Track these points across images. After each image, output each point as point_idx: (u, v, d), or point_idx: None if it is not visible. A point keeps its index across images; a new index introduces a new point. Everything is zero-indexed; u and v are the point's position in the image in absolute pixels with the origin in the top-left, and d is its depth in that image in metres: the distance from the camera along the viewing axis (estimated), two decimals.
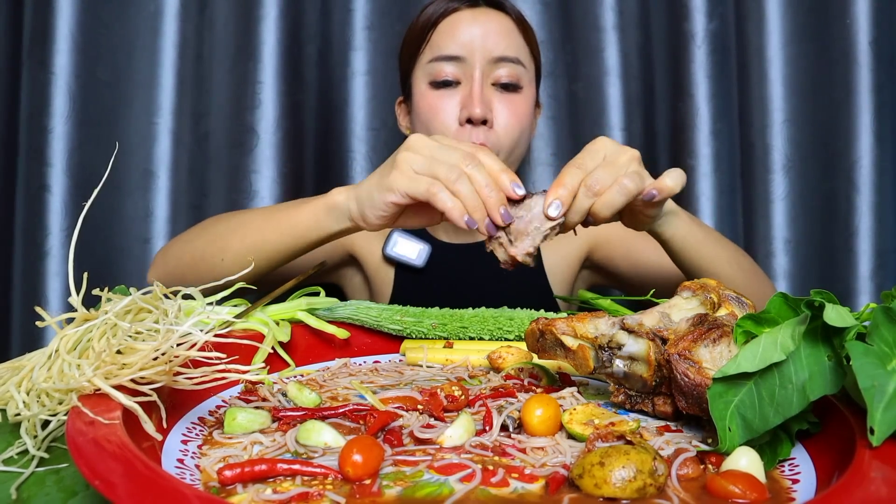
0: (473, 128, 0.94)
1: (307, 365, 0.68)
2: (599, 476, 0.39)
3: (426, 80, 0.97)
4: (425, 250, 1.02)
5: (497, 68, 0.96)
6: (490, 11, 0.98)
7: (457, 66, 0.95)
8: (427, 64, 0.97)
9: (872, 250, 1.27)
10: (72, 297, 0.51)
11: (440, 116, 0.96)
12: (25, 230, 1.21)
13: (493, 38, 0.96)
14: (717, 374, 0.46)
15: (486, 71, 0.95)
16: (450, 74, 0.96)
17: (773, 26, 1.29)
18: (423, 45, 0.99)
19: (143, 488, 0.34)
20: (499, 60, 0.95)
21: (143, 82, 1.26)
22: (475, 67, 0.95)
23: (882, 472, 0.38)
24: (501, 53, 0.96)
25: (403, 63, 1.04)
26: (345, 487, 0.40)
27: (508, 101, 0.96)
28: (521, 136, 0.98)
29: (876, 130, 1.27)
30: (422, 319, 0.74)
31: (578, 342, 0.56)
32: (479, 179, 0.61)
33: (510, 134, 0.96)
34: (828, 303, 0.44)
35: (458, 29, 0.96)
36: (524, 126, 0.98)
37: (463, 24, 0.96)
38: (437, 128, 0.95)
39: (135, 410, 0.43)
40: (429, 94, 0.97)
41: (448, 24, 0.97)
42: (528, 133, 1.00)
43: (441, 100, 0.96)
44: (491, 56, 0.95)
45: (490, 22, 0.97)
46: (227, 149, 1.24)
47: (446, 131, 0.95)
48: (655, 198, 0.65)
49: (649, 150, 1.31)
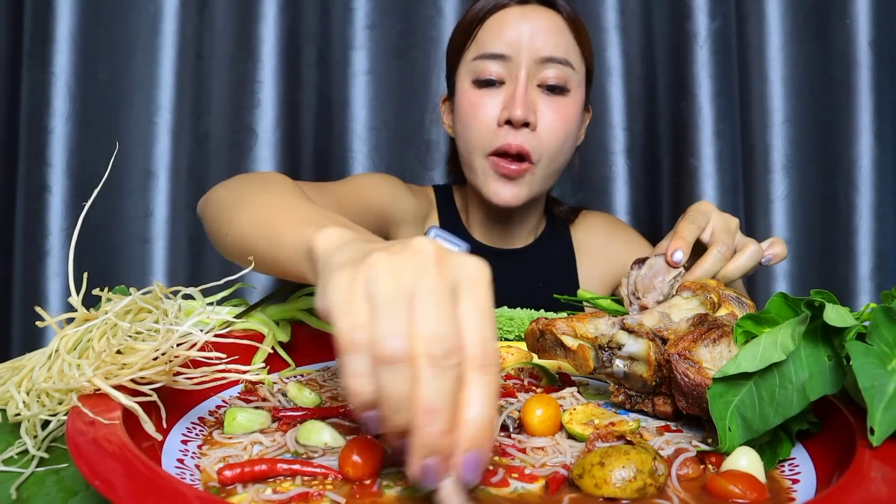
0: (513, 129, 0.90)
1: (307, 365, 0.68)
2: (599, 476, 0.39)
3: (469, 77, 0.94)
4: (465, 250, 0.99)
5: (544, 69, 0.91)
6: (540, 9, 0.93)
7: (502, 64, 0.91)
8: (472, 61, 0.94)
9: (872, 250, 1.27)
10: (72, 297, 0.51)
11: (480, 115, 0.92)
12: (25, 230, 1.21)
13: (542, 37, 0.91)
14: (717, 374, 0.46)
15: (533, 71, 0.91)
16: (494, 73, 0.92)
17: (773, 27, 1.29)
18: (470, 41, 0.95)
19: (143, 488, 0.34)
20: (546, 61, 0.91)
21: (143, 82, 1.26)
22: (521, 67, 0.91)
23: (882, 472, 0.38)
24: (549, 53, 0.91)
25: (449, 59, 1.00)
26: (345, 487, 0.40)
27: (555, 104, 0.92)
28: (566, 142, 0.94)
29: (876, 131, 1.27)
30: None
31: (578, 342, 0.56)
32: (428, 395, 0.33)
33: (554, 139, 0.92)
34: (828, 303, 0.44)
35: (505, 26, 0.92)
36: (570, 131, 0.94)
37: (510, 22, 0.92)
38: (477, 127, 0.92)
39: (135, 410, 0.43)
40: (471, 92, 0.93)
41: (495, 20, 0.93)
42: (573, 138, 0.96)
43: (483, 98, 0.92)
44: (538, 56, 0.91)
45: (539, 20, 0.92)
46: (227, 148, 1.24)
47: (485, 131, 0.92)
48: (771, 262, 0.69)
49: (651, 150, 1.31)
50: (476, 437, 0.34)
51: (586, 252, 1.08)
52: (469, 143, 0.94)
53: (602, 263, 1.07)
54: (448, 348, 0.33)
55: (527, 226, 1.04)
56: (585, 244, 1.09)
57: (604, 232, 1.10)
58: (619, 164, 1.31)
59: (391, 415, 0.34)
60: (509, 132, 0.90)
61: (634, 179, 1.31)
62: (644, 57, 1.30)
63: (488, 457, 0.38)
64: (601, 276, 1.08)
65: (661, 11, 1.28)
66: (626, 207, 1.31)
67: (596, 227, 1.11)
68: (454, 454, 0.34)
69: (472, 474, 0.34)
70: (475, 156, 0.93)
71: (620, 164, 1.31)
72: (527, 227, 1.05)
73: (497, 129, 0.91)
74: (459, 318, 0.34)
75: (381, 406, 0.34)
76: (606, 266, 1.07)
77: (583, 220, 1.12)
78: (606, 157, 1.30)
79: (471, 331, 0.34)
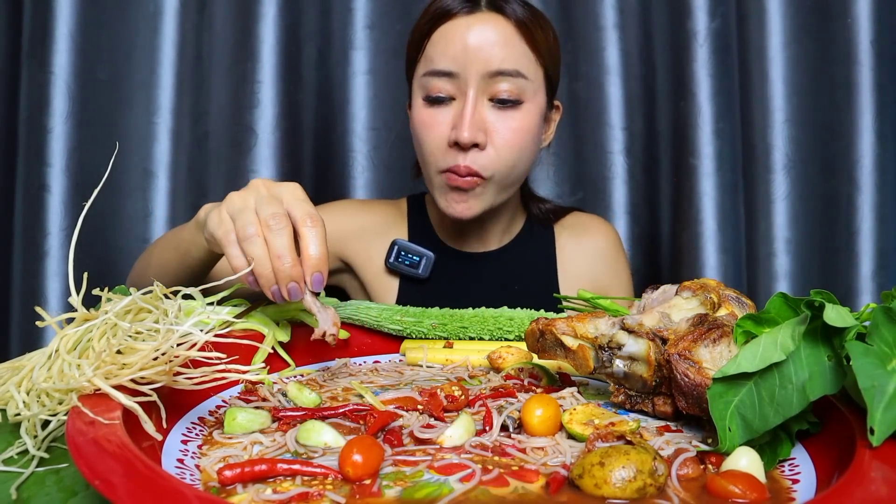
0: (461, 152, 0.88)
1: (307, 365, 0.68)
2: (599, 476, 0.39)
3: (421, 93, 0.91)
4: (428, 260, 0.98)
5: (494, 83, 0.87)
6: (487, 17, 0.88)
7: (450, 81, 0.88)
8: (422, 77, 0.91)
9: (874, 250, 1.27)
10: (72, 297, 0.51)
11: (431, 134, 0.90)
12: (25, 230, 1.21)
13: (489, 50, 0.86)
14: (717, 374, 0.46)
15: (482, 87, 0.88)
16: (442, 90, 0.89)
17: (773, 25, 1.29)
18: (420, 54, 0.92)
19: (143, 488, 0.34)
20: (496, 75, 0.87)
21: (143, 82, 1.26)
22: (469, 84, 0.87)
23: (882, 472, 0.38)
24: (498, 67, 0.86)
25: (406, 69, 0.98)
26: (345, 487, 0.40)
27: (508, 119, 0.89)
28: (521, 156, 0.91)
29: (877, 130, 1.27)
30: (422, 319, 0.74)
31: (578, 342, 0.56)
32: (275, 247, 0.58)
33: (507, 155, 0.89)
34: (828, 303, 0.44)
35: (450, 41, 0.88)
36: (524, 144, 0.91)
37: (456, 36, 0.88)
38: (428, 145, 0.90)
39: (135, 410, 0.43)
40: (422, 110, 0.91)
41: (440, 34, 0.89)
42: (531, 149, 0.93)
43: (433, 117, 0.90)
44: (486, 70, 0.86)
45: (486, 31, 0.87)
46: (226, 148, 1.24)
47: (436, 150, 0.90)
48: None
49: (651, 150, 1.31)
50: (315, 265, 0.59)
51: (571, 258, 1.04)
52: (423, 158, 0.93)
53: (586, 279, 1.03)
54: (279, 218, 0.58)
55: (497, 228, 1.02)
56: (572, 250, 1.05)
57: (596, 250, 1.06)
58: (618, 163, 1.30)
59: (260, 270, 0.58)
60: (458, 154, 0.88)
61: (633, 179, 1.31)
62: (643, 56, 1.30)
63: (325, 277, 0.60)
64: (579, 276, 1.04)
65: (661, 10, 1.28)
66: (624, 207, 1.31)
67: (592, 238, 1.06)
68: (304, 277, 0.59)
69: (318, 287, 0.60)
70: (430, 171, 0.93)
71: (619, 164, 1.30)
72: (498, 230, 1.02)
73: (447, 149, 0.89)
74: (285, 206, 0.60)
75: (254, 268, 0.58)
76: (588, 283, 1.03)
77: (578, 222, 1.08)
78: (605, 156, 1.30)
79: (294, 208, 0.60)
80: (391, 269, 1.00)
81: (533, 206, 1.06)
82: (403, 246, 0.99)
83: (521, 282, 1.02)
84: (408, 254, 0.99)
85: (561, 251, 1.05)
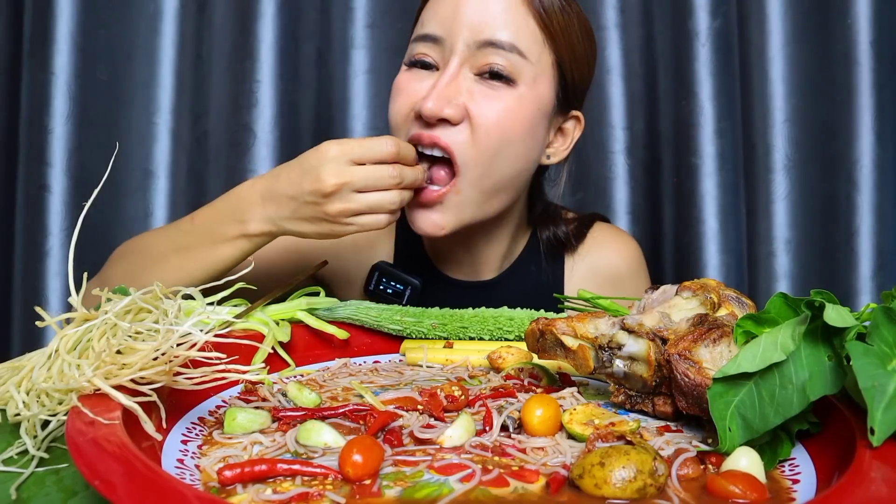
0: (426, 127, 0.74)
1: (307, 365, 0.68)
2: (599, 476, 0.39)
3: (406, 60, 0.80)
4: (414, 289, 0.85)
5: (484, 55, 0.74)
6: None
7: (435, 47, 0.76)
8: (410, 44, 0.79)
9: (873, 250, 1.27)
10: (72, 297, 0.51)
11: (398, 102, 0.77)
12: (25, 230, 1.22)
13: (483, 16, 0.74)
14: (717, 374, 0.46)
15: (469, 56, 0.74)
16: (425, 55, 0.76)
17: (774, 26, 1.29)
18: (417, 23, 0.81)
19: (143, 488, 0.34)
20: (486, 45, 0.73)
21: (143, 82, 1.26)
22: (454, 52, 0.74)
23: (882, 473, 0.38)
24: (489, 36, 0.73)
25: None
26: (345, 487, 0.40)
27: (494, 97, 0.74)
28: (505, 148, 0.75)
29: (877, 130, 1.27)
30: (422, 319, 0.74)
31: (578, 342, 0.56)
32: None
33: (485, 140, 0.74)
34: (828, 303, 0.44)
35: (444, 2, 0.76)
36: (511, 133, 0.75)
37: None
38: (393, 116, 0.78)
39: (135, 410, 0.43)
40: (399, 76, 0.79)
41: None
42: (519, 145, 0.77)
43: (408, 82, 0.77)
44: (476, 38, 0.74)
45: None
46: (226, 148, 1.24)
47: (400, 122, 0.77)
48: None
49: (652, 149, 1.31)
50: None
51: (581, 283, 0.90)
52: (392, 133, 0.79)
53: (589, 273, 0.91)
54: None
55: (493, 252, 0.87)
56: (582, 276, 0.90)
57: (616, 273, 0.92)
58: (619, 163, 1.30)
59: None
60: (422, 129, 0.74)
61: (635, 179, 1.31)
62: (644, 55, 1.30)
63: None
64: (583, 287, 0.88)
65: (662, 10, 1.28)
66: (626, 207, 1.31)
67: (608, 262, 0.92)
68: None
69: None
70: None
71: (620, 164, 1.30)
72: (494, 254, 0.87)
73: (412, 122, 0.75)
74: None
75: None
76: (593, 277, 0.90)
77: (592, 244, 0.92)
78: (606, 156, 1.30)
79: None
80: (371, 297, 0.86)
81: (544, 231, 0.91)
82: (385, 271, 0.85)
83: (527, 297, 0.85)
84: (390, 280, 0.85)
85: (570, 276, 0.91)
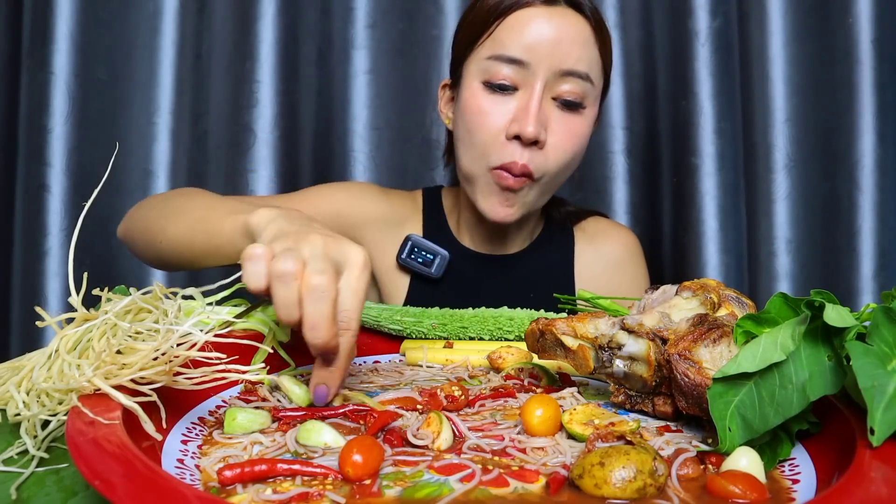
0: (521, 147, 0.84)
1: (307, 365, 0.68)
2: (599, 476, 0.39)
3: (480, 76, 0.86)
4: (443, 259, 0.95)
5: (563, 82, 0.84)
6: (567, 12, 0.84)
7: (518, 70, 0.83)
8: (485, 59, 0.85)
9: (875, 250, 1.27)
10: (72, 297, 0.51)
11: (488, 124, 0.85)
12: (25, 230, 1.21)
13: (566, 48, 0.83)
14: (717, 374, 0.46)
15: (550, 83, 0.84)
16: (507, 78, 0.84)
17: (774, 25, 1.29)
18: (485, 35, 0.86)
19: (143, 488, 0.34)
20: (567, 74, 0.83)
21: (143, 82, 1.26)
22: (538, 77, 0.83)
23: (882, 473, 0.38)
24: (571, 66, 0.83)
25: (459, 47, 0.91)
26: (345, 487, 0.40)
27: (568, 121, 0.85)
28: (571, 162, 0.88)
29: (878, 130, 1.26)
30: (422, 319, 0.74)
31: (578, 342, 0.56)
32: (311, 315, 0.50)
33: (561, 158, 0.86)
34: (828, 303, 0.44)
35: (527, 27, 0.83)
36: (578, 149, 0.88)
37: (534, 24, 0.83)
38: (482, 135, 0.85)
39: (135, 410, 0.43)
40: (480, 94, 0.85)
41: (517, 18, 0.84)
42: (580, 157, 0.90)
43: (493, 105, 0.85)
44: (559, 68, 0.83)
45: (566, 26, 0.83)
46: (225, 148, 1.24)
47: (491, 143, 0.85)
48: None
49: (652, 149, 1.31)
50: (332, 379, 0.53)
51: (588, 266, 1.02)
52: (472, 151, 0.87)
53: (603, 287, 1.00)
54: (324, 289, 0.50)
55: (522, 232, 1.00)
56: (589, 257, 1.02)
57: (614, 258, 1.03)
58: (618, 163, 1.30)
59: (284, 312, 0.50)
60: (517, 149, 0.84)
61: (634, 179, 1.31)
62: (644, 55, 1.30)
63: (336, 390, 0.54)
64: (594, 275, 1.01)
65: (662, 9, 1.28)
66: (625, 207, 1.31)
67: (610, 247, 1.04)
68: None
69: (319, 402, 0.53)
70: (476, 166, 0.87)
71: (620, 164, 1.30)
72: (522, 233, 1.00)
73: (504, 143, 0.84)
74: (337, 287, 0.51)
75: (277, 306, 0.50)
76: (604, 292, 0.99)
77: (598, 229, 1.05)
78: (606, 156, 1.30)
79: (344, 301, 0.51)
80: (402, 265, 0.96)
81: (553, 209, 1.03)
82: (417, 242, 0.95)
83: (536, 288, 0.98)
84: (421, 251, 0.95)
85: (579, 258, 1.02)
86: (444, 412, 0.50)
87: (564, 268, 1.01)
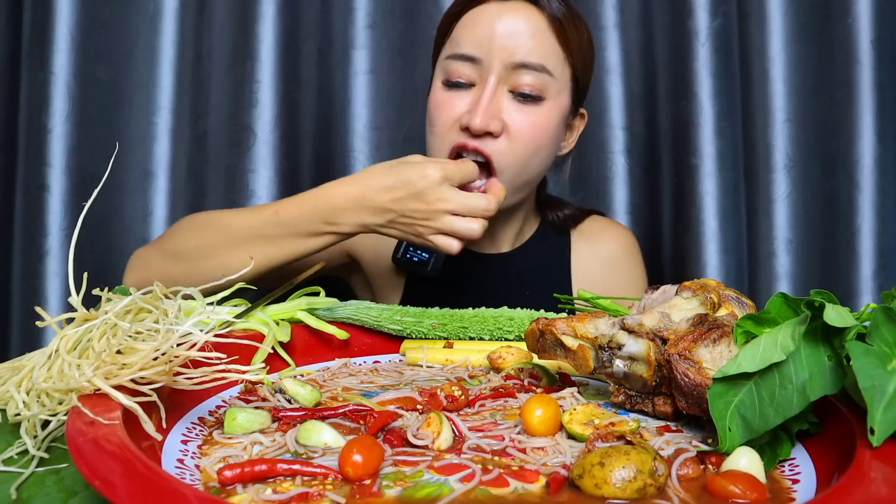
0: (473, 138, 0.85)
1: (307, 365, 0.68)
2: (599, 476, 0.39)
3: (442, 76, 0.89)
4: (438, 258, 0.94)
5: (517, 75, 0.85)
6: (520, 6, 0.86)
7: (473, 67, 0.86)
8: (444, 60, 0.89)
9: (875, 250, 1.27)
10: (72, 297, 0.51)
11: (444, 116, 0.87)
12: (25, 230, 1.21)
13: (517, 40, 0.84)
14: (717, 374, 0.46)
15: (504, 77, 0.85)
16: (463, 76, 0.86)
17: (774, 25, 1.29)
18: (446, 37, 0.90)
19: (143, 488, 0.34)
20: (519, 67, 0.84)
21: (143, 82, 1.26)
22: (491, 72, 0.84)
23: (882, 473, 0.38)
24: (523, 59, 0.84)
25: (433, 54, 0.95)
26: (345, 487, 0.40)
27: (527, 113, 0.86)
28: (536, 155, 0.88)
29: (878, 130, 1.27)
30: (422, 319, 0.74)
31: (578, 342, 0.56)
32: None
33: (520, 150, 0.86)
34: (828, 303, 0.44)
35: (478, 25, 0.86)
36: (541, 143, 0.87)
37: (484, 20, 0.85)
38: (438, 127, 0.88)
39: (135, 410, 0.43)
40: (439, 92, 0.89)
41: (470, 17, 0.87)
42: (548, 150, 0.90)
43: (450, 100, 0.87)
44: (510, 61, 0.84)
45: (517, 20, 0.85)
46: (225, 148, 1.24)
47: (445, 132, 0.87)
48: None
49: (652, 149, 1.31)
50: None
51: (584, 264, 1.02)
52: (431, 141, 0.90)
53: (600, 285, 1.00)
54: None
55: (509, 230, 0.99)
56: (586, 256, 1.03)
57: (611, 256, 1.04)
58: (618, 163, 1.30)
59: None
60: (470, 139, 0.85)
61: (634, 179, 1.31)
62: (644, 55, 1.30)
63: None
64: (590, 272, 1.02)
65: (662, 9, 1.28)
66: (625, 207, 1.31)
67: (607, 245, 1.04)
68: None
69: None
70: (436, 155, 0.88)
71: (620, 164, 1.30)
72: (510, 232, 1.00)
73: (458, 132, 0.86)
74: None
75: None
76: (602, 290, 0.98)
77: (595, 228, 1.06)
78: (606, 156, 1.30)
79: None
80: (398, 265, 0.96)
81: (549, 213, 1.04)
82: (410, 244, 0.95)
83: (532, 286, 0.99)
84: (416, 249, 0.94)
85: (576, 257, 1.03)
86: (444, 412, 0.50)
87: (561, 267, 1.02)
